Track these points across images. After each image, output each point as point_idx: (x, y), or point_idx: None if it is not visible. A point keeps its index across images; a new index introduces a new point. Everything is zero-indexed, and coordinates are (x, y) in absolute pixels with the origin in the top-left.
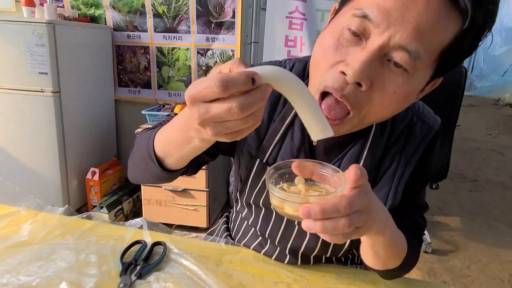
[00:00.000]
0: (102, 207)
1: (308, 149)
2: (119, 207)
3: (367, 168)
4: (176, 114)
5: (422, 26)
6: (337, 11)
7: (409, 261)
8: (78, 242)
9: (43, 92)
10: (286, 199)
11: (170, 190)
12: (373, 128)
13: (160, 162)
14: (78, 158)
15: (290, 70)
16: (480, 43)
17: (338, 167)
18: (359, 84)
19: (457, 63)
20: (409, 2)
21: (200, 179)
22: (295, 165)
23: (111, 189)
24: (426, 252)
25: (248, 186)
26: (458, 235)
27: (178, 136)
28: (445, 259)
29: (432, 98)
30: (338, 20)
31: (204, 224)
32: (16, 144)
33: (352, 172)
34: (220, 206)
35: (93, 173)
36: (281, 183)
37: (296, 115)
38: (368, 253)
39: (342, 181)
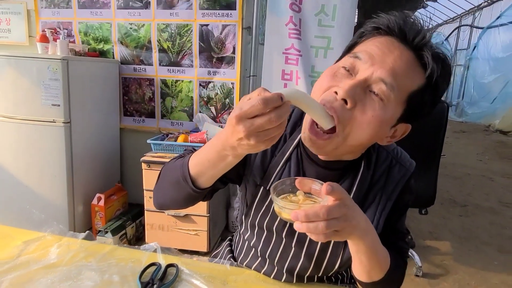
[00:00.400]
0: (107, 232)
1: None
2: (123, 231)
3: (355, 201)
4: (185, 147)
5: (396, 69)
6: (337, 61)
7: (393, 276)
8: (101, 264)
9: (54, 122)
10: (283, 206)
11: (173, 215)
12: (362, 167)
13: (193, 182)
14: (85, 184)
15: (291, 113)
16: (438, 100)
17: None
18: (345, 102)
19: (421, 112)
20: (388, 51)
21: (201, 204)
22: (298, 181)
23: (115, 214)
24: (417, 275)
25: (253, 210)
26: (448, 259)
27: (214, 156)
28: (435, 283)
29: (418, 132)
30: (337, 64)
31: (204, 249)
32: (26, 171)
33: (323, 188)
34: (219, 231)
35: (99, 199)
36: (287, 192)
37: (292, 151)
38: (355, 262)
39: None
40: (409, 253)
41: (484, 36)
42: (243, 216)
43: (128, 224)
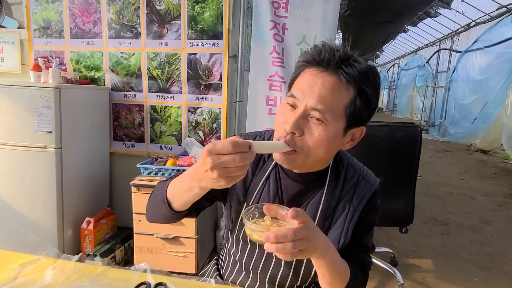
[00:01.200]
0: (96, 256)
1: (281, 196)
2: (112, 255)
3: (325, 213)
4: (174, 170)
5: (323, 95)
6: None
7: (354, 284)
8: (94, 284)
9: (46, 148)
10: (254, 229)
11: (161, 238)
12: (326, 185)
13: (170, 205)
14: (74, 208)
15: (269, 138)
16: (375, 101)
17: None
18: (294, 133)
19: (363, 117)
20: (314, 82)
21: (189, 227)
22: (265, 207)
23: (104, 238)
24: None
25: (238, 225)
26: (430, 276)
27: (185, 185)
28: None
29: (395, 155)
30: (283, 102)
31: (193, 270)
32: (16, 196)
33: (289, 212)
34: (207, 252)
35: (88, 223)
36: (256, 217)
37: (271, 170)
38: (319, 276)
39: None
40: (392, 271)
41: (463, 59)
42: (229, 232)
43: (117, 247)
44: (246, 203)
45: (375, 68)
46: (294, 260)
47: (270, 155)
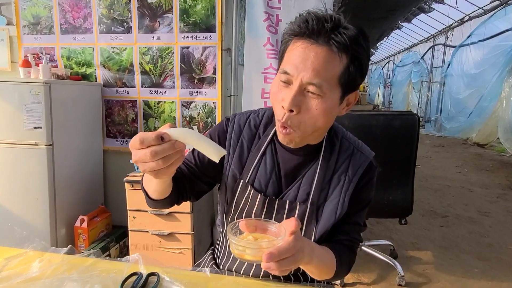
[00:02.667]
0: (90, 254)
1: (277, 171)
2: (107, 253)
3: (320, 184)
4: None
5: (316, 68)
6: (277, 71)
7: (340, 271)
8: (83, 275)
9: (36, 145)
10: (245, 246)
11: (157, 235)
12: (320, 158)
13: (148, 194)
14: (67, 206)
15: (263, 115)
16: (367, 65)
17: (300, 185)
18: (291, 111)
19: (356, 82)
20: (306, 56)
21: (185, 223)
22: (243, 223)
23: (98, 236)
24: (400, 285)
25: (233, 205)
26: (430, 268)
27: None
28: None
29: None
30: (276, 77)
31: (189, 267)
32: (9, 194)
33: (293, 224)
34: (204, 249)
35: (82, 221)
36: (236, 235)
37: (267, 146)
38: (308, 272)
39: (282, 231)
40: (392, 263)
41: (457, 54)
42: (224, 216)
43: (112, 245)
44: (242, 180)
45: (364, 30)
46: None
47: (265, 130)
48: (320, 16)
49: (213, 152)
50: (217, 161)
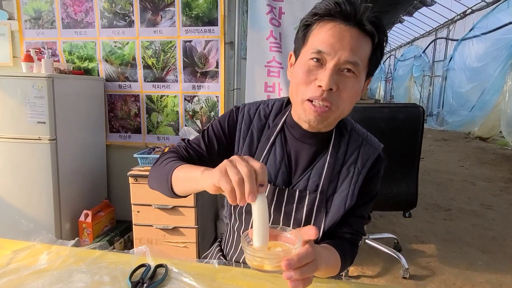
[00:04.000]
0: (96, 247)
1: (287, 161)
2: (111, 247)
3: (329, 176)
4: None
5: (353, 47)
6: (296, 56)
7: (344, 266)
8: (91, 267)
9: (40, 140)
10: (264, 257)
11: (161, 229)
12: (330, 148)
13: (172, 187)
14: (72, 201)
15: (272, 105)
16: (384, 52)
17: (309, 176)
18: (330, 89)
19: (376, 67)
20: (341, 36)
21: (189, 216)
22: (252, 231)
23: (103, 231)
24: (404, 277)
25: None
26: (434, 261)
27: (190, 181)
28: (422, 284)
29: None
30: (302, 59)
31: (194, 261)
32: (13, 189)
33: (314, 232)
34: (209, 243)
35: (86, 215)
36: (250, 245)
37: (277, 135)
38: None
39: (298, 236)
40: (396, 256)
41: (459, 47)
42: (232, 208)
43: (116, 239)
44: None
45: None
46: (303, 217)
47: (274, 120)
48: (349, 2)
49: (258, 238)
50: (256, 246)
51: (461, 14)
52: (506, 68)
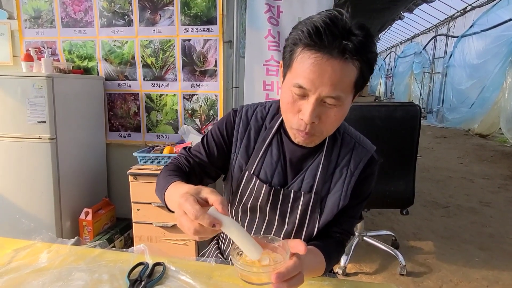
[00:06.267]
0: (96, 245)
1: (283, 162)
2: (112, 245)
3: (323, 178)
4: (171, 158)
5: (334, 82)
6: (284, 74)
7: (330, 266)
8: (90, 265)
9: (40, 139)
10: (260, 272)
11: (161, 226)
12: (324, 150)
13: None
14: (72, 199)
15: (269, 107)
16: (374, 68)
17: (303, 178)
18: (313, 122)
19: (365, 83)
20: (322, 72)
21: None
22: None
23: (103, 229)
24: (401, 274)
25: (238, 196)
26: (431, 258)
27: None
28: (419, 281)
29: (394, 136)
30: (288, 82)
31: (193, 258)
32: (13, 188)
33: (303, 249)
34: (208, 240)
35: (86, 213)
36: (240, 255)
37: (273, 137)
38: None
39: (286, 247)
40: (394, 253)
41: (459, 44)
42: (229, 206)
43: (117, 237)
44: (247, 171)
45: (369, 29)
46: (296, 225)
47: (271, 121)
48: (331, 27)
49: (253, 250)
50: (256, 259)
51: (461, 11)
52: (506, 65)
